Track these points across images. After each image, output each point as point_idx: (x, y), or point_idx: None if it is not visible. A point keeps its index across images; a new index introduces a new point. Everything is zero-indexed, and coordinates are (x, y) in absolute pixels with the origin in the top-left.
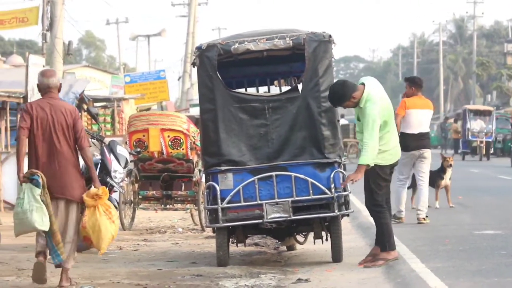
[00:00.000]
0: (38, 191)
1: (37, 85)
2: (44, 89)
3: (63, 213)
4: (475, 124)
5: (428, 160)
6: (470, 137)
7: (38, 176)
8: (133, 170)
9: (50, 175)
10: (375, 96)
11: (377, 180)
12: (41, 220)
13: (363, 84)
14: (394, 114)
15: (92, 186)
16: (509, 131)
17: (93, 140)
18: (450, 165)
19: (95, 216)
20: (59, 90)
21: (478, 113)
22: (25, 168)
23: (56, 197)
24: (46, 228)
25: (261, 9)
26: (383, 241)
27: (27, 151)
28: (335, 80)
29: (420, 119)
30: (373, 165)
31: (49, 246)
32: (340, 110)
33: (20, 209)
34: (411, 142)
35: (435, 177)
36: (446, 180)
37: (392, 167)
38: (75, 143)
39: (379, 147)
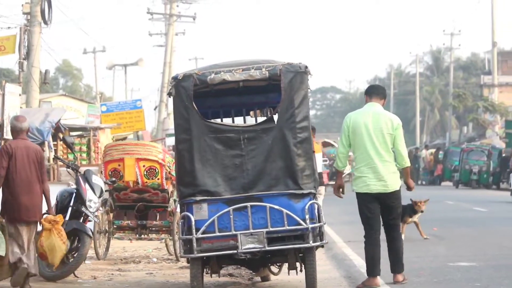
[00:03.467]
0: None
1: (11, 127)
2: (18, 131)
3: (28, 231)
4: None
5: (322, 195)
6: None
7: None
8: (108, 200)
9: (26, 202)
10: (350, 115)
11: (359, 207)
12: None
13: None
14: None
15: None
16: (484, 163)
17: (68, 169)
18: (422, 211)
19: (51, 237)
20: (27, 133)
21: None
22: None
23: (24, 220)
24: (3, 254)
25: (238, 39)
26: None
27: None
28: (310, 111)
29: None
30: (341, 170)
31: None
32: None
33: None
34: None
35: (404, 213)
36: (414, 218)
37: (377, 197)
38: (41, 177)
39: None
